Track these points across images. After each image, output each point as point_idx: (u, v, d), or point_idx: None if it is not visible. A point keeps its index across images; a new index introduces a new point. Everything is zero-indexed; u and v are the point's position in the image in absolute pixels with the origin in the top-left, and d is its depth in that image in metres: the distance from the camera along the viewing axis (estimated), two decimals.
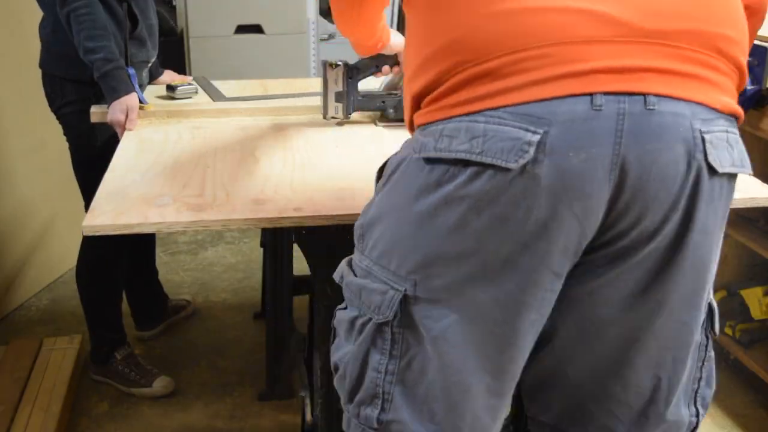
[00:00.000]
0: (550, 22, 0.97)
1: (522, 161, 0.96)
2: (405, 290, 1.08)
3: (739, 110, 1.05)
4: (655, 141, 0.96)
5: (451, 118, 1.01)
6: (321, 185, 1.56)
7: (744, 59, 1.05)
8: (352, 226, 1.47)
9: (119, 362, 2.40)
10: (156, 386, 2.38)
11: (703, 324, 1.17)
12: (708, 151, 0.99)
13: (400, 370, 1.12)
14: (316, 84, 2.55)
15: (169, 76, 2.41)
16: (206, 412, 2.31)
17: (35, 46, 2.19)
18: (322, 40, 4.32)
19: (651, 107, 0.95)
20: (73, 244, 2.41)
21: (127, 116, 1.95)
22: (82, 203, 2.19)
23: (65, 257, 2.99)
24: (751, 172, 1.09)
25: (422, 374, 1.11)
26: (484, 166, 0.98)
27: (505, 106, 0.97)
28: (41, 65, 2.17)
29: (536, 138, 0.95)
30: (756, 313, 2.37)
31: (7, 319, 2.82)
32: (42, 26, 2.17)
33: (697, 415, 1.23)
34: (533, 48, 0.97)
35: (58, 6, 1.98)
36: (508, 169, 0.96)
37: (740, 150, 1.05)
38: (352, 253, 1.23)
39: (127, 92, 1.98)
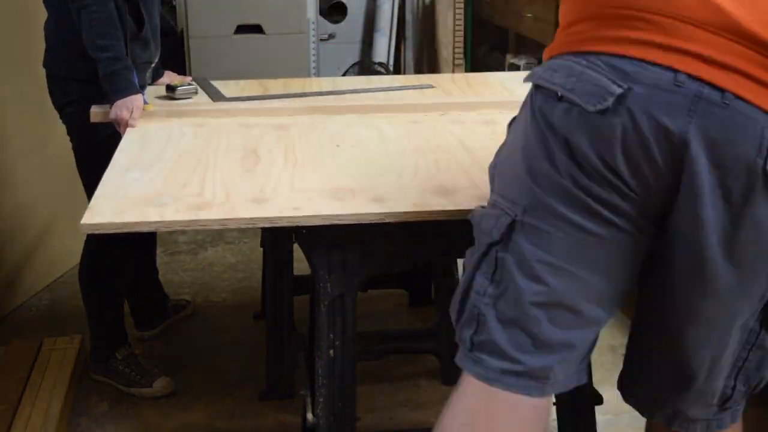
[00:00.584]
0: None
1: (599, 106, 1.05)
2: (515, 215, 1.15)
3: None
4: (723, 132, 1.02)
5: (561, 54, 1.13)
6: (321, 185, 1.56)
7: None
8: (352, 225, 1.47)
9: (119, 362, 2.39)
10: (156, 386, 2.37)
11: (758, 315, 1.22)
12: None
13: (497, 295, 1.18)
14: (316, 84, 2.55)
15: (168, 77, 2.40)
16: (206, 412, 2.31)
17: (36, 46, 2.19)
18: (322, 40, 4.33)
19: (726, 102, 1.02)
20: (73, 245, 2.41)
21: (131, 115, 1.96)
22: (82, 203, 2.18)
23: (65, 257, 2.99)
24: None
25: (516, 302, 1.17)
26: (573, 104, 1.08)
27: (600, 53, 1.07)
28: (45, 64, 2.17)
29: (619, 91, 1.04)
30: None
31: (7, 319, 2.81)
32: (46, 26, 2.17)
33: (733, 389, 1.28)
34: (647, 12, 1.06)
35: (69, 1, 1.98)
36: (588, 111, 1.06)
37: None
38: (352, 252, 1.23)
39: (133, 92, 1.98)
